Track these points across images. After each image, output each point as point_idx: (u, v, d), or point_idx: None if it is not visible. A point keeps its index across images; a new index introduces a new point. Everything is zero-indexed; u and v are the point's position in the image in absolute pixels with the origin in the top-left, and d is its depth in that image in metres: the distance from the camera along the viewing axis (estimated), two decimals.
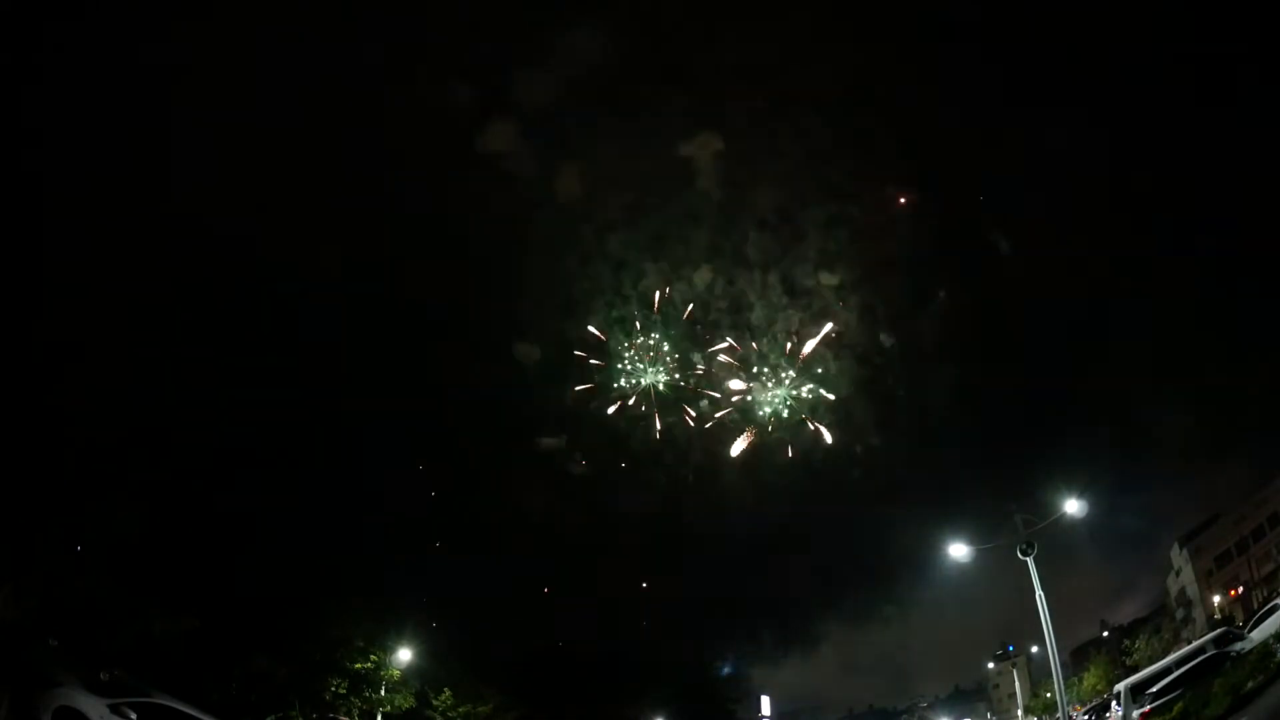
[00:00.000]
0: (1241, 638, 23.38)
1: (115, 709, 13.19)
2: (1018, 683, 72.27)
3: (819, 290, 57.59)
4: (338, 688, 32.33)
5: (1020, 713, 69.01)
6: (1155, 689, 22.26)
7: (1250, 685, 17.13)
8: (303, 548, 36.84)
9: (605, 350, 58.06)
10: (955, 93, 68.32)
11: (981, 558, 25.76)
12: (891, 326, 57.86)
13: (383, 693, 34.15)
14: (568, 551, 64.37)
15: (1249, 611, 37.86)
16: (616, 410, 58.20)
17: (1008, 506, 24.00)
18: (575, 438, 59.81)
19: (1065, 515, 23.16)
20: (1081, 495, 23.52)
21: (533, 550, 62.69)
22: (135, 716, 13.38)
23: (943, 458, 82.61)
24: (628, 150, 60.58)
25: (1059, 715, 26.79)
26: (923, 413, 65.54)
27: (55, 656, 16.32)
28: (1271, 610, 24.23)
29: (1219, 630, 27.21)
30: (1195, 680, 20.63)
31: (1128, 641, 56.26)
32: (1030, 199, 69.05)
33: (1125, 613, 65.38)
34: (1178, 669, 22.71)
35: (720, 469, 59.48)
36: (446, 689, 39.49)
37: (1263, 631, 22.04)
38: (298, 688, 30.41)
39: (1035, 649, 64.94)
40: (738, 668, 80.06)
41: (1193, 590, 54.25)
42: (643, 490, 60.33)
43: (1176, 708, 19.45)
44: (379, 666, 33.80)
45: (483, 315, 62.93)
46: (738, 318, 58.11)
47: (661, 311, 57.77)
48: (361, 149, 62.02)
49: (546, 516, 62.42)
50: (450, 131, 61.62)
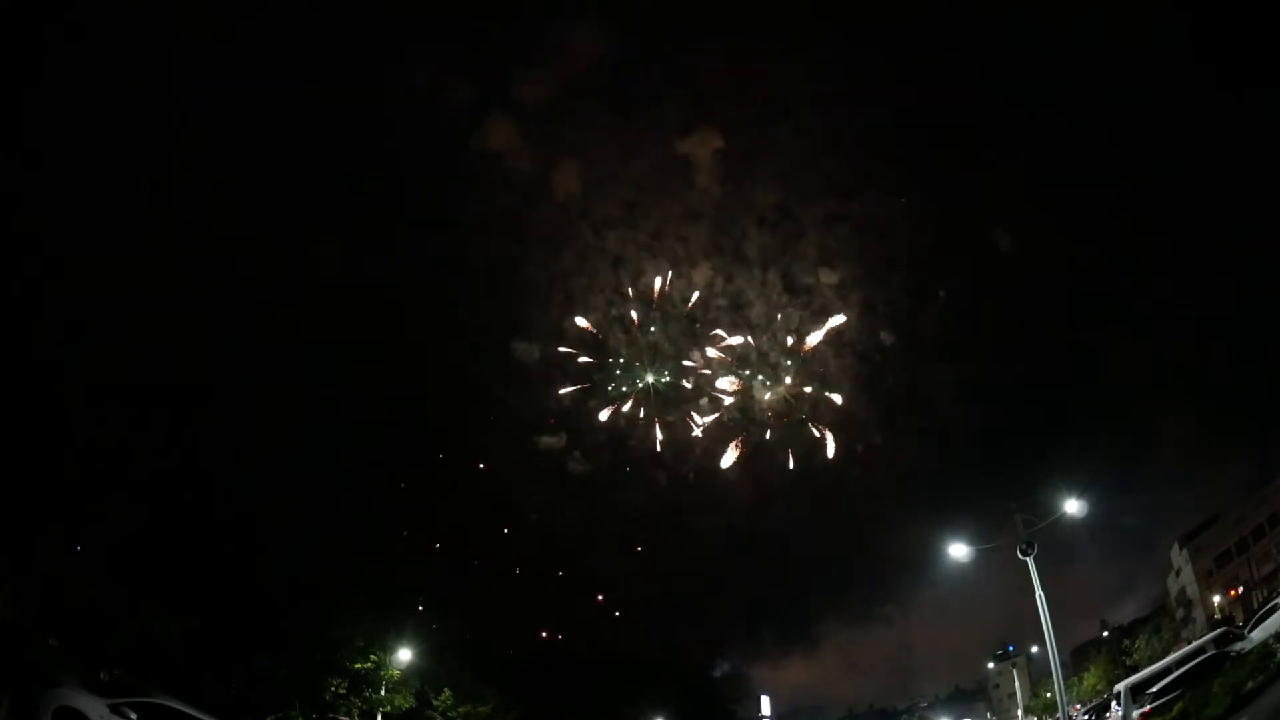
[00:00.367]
0: (1241, 638, 23.37)
1: (115, 709, 13.18)
2: (1018, 683, 72.20)
3: (818, 288, 57.65)
4: (338, 688, 32.29)
5: (1020, 713, 68.96)
6: (1155, 689, 22.25)
7: (1250, 685, 17.12)
8: (303, 548, 36.88)
9: (604, 349, 58.09)
10: (955, 91, 68.39)
11: (982, 558, 25.73)
12: (893, 325, 57.95)
13: (383, 693, 34.11)
14: (568, 551, 64.48)
15: (1249, 611, 37.83)
16: (615, 408, 58.23)
17: (1008, 506, 24.00)
18: (575, 437, 59.86)
19: (1065, 515, 23.13)
20: (1081, 495, 23.48)
21: (533, 550, 62.80)
22: (135, 716, 13.37)
23: (943, 457, 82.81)
24: (626, 148, 60.65)
25: (1059, 715, 26.77)
26: (924, 412, 65.66)
27: (55, 656, 16.33)
28: (1272, 610, 24.21)
29: (1219, 630, 27.19)
30: (1195, 680, 20.61)
31: (1128, 641, 56.20)
32: (1031, 199, 69.18)
33: (1125, 613, 65.44)
34: (1178, 669, 22.69)
35: (721, 468, 59.56)
36: (446, 689, 39.46)
37: (1263, 631, 22.04)
38: (298, 688, 30.38)
39: (1035, 649, 64.95)
40: (738, 667, 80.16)
41: (1193, 590, 54.20)
42: (642, 489, 60.36)
43: (1176, 708, 19.44)
44: (379, 666, 33.75)
45: (483, 314, 63.01)
46: (737, 315, 58.16)
47: (660, 309, 57.79)
48: (361, 147, 62.12)
49: (546, 516, 62.52)
50: (449, 129, 61.73)
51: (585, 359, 57.66)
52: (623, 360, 58.15)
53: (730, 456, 57.56)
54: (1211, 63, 56.08)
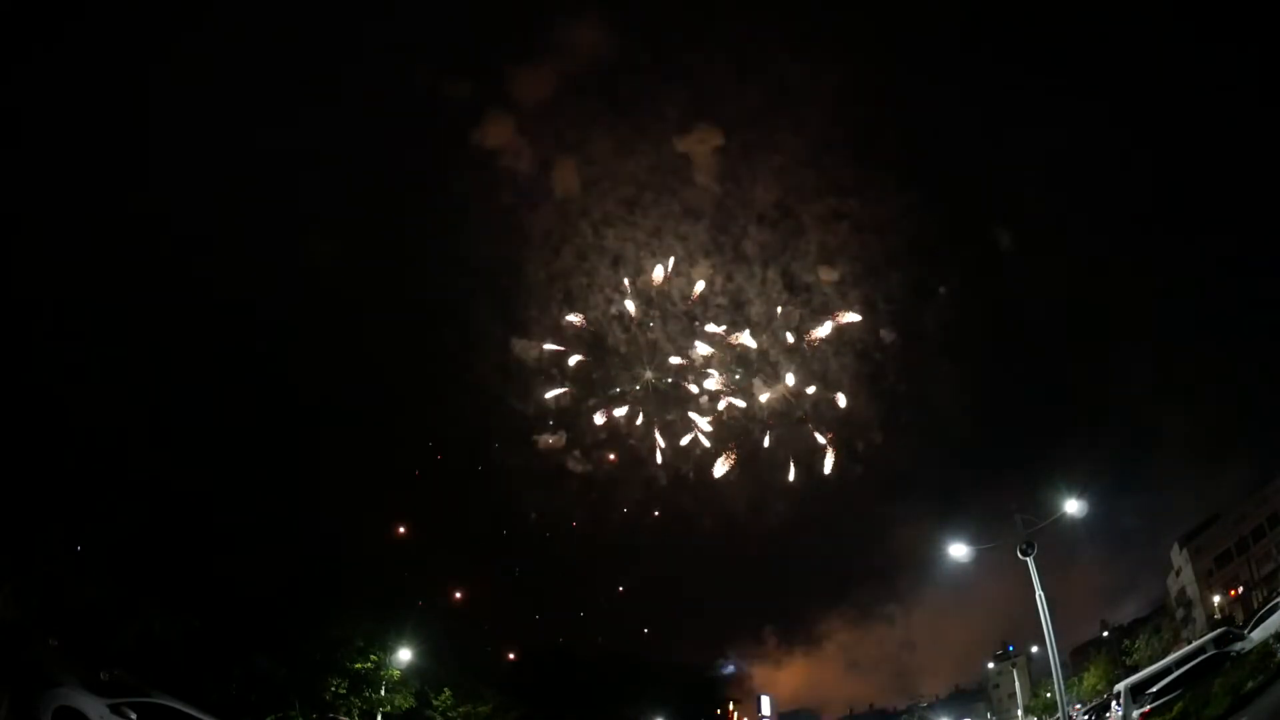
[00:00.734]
0: (1241, 638, 23.37)
1: (115, 709, 13.18)
2: (1018, 683, 72.17)
3: (818, 286, 57.58)
4: (338, 688, 32.29)
5: (1020, 713, 68.92)
6: (1155, 689, 22.24)
7: (1250, 685, 17.11)
8: (303, 548, 36.87)
9: (604, 347, 58.03)
10: (956, 88, 68.45)
11: (982, 558, 25.72)
12: (893, 323, 57.87)
13: (383, 693, 34.11)
14: (568, 550, 64.50)
15: (1249, 611, 37.82)
16: (608, 410, 58.18)
17: (1008, 506, 24.00)
18: (575, 436, 59.77)
19: (1065, 515, 23.13)
20: (1081, 495, 23.49)
21: (533, 549, 62.83)
22: (135, 716, 13.37)
23: (944, 456, 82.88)
24: (625, 145, 60.62)
25: (1059, 715, 26.76)
26: (924, 410, 65.68)
27: (55, 656, 16.33)
28: (1272, 610, 24.20)
29: (1219, 630, 27.18)
30: (1195, 680, 20.60)
31: (1128, 641, 56.21)
32: (1033, 197, 69.21)
33: (1125, 613, 65.50)
34: (1178, 669, 22.69)
35: (720, 471, 59.44)
36: (446, 689, 39.46)
37: (1263, 631, 22.03)
38: (298, 688, 30.38)
39: (1035, 649, 64.95)
40: (739, 667, 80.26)
41: (1193, 590, 54.20)
42: (642, 488, 60.26)
43: (1176, 708, 19.43)
44: (379, 666, 33.76)
45: (482, 312, 62.89)
46: (737, 314, 58.11)
47: (660, 306, 57.75)
48: (360, 146, 62.16)
49: (546, 515, 62.51)
50: (447, 127, 61.75)
51: (580, 357, 57.52)
52: (623, 357, 58.06)
53: (721, 468, 57.46)
54: (1213, 62, 56.15)
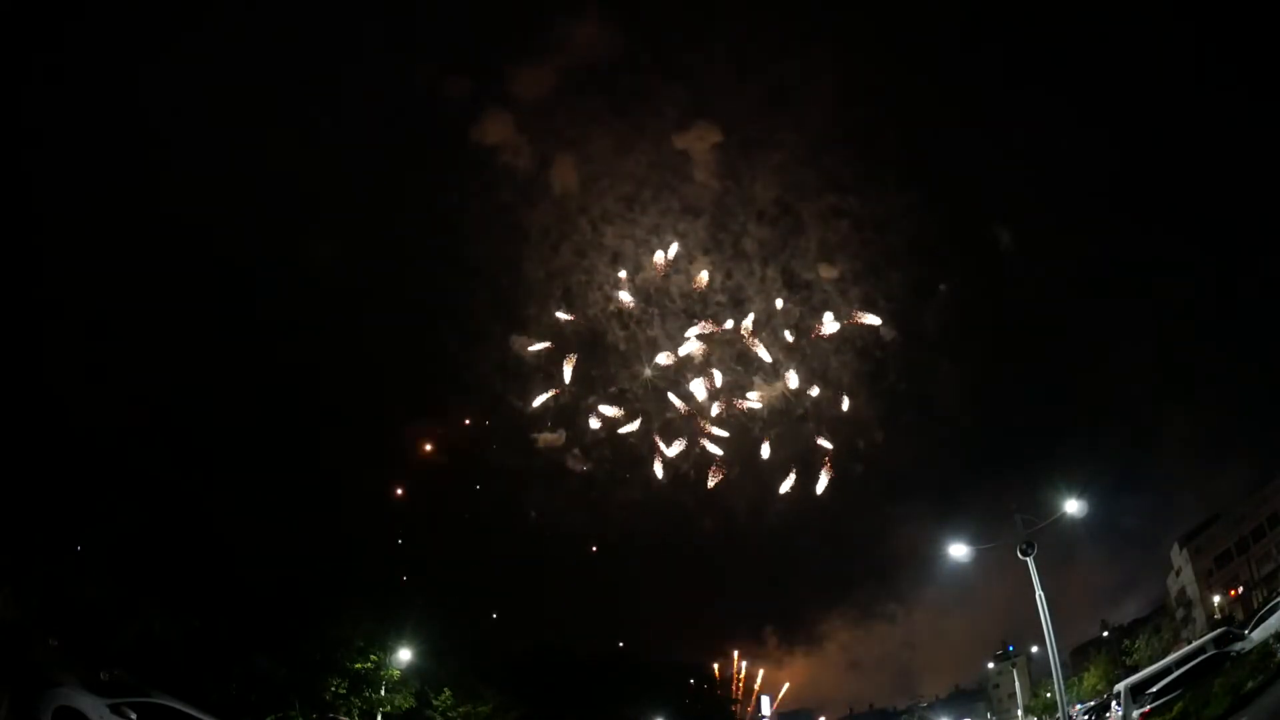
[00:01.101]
0: (1241, 638, 23.38)
1: (115, 709, 13.19)
2: (1018, 683, 72.18)
3: (818, 283, 57.59)
4: (338, 688, 32.27)
5: (1020, 713, 68.93)
6: (1155, 689, 22.25)
7: (1250, 685, 17.11)
8: (303, 547, 36.87)
9: (603, 345, 58.06)
10: (956, 85, 68.38)
11: (982, 558, 25.76)
12: (893, 321, 57.88)
13: (383, 693, 34.09)
14: (567, 550, 64.45)
15: (1249, 611, 37.82)
16: (613, 406, 58.17)
17: (1008, 506, 24.01)
18: (574, 435, 59.80)
19: (1065, 515, 23.14)
20: (1081, 495, 23.51)
21: (533, 549, 62.79)
22: (135, 716, 13.38)
23: (945, 455, 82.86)
24: (624, 142, 60.60)
25: (1059, 715, 26.76)
26: (925, 409, 65.65)
27: (55, 656, 16.35)
28: (1272, 610, 24.20)
29: (1219, 630, 27.21)
30: (1195, 680, 20.61)
31: (1128, 641, 56.19)
32: (1033, 196, 69.22)
33: (1125, 613, 65.48)
34: (1178, 669, 22.71)
35: (723, 457, 59.44)
36: (446, 689, 39.42)
37: (1263, 631, 22.04)
38: (298, 688, 30.36)
39: (1035, 649, 64.95)
40: (739, 667, 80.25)
41: (1193, 590, 54.20)
42: (642, 487, 60.28)
43: (1176, 708, 19.43)
44: (379, 666, 33.74)
45: (481, 310, 62.89)
46: (737, 311, 58.14)
47: (658, 304, 57.76)
48: (358, 144, 62.10)
49: (546, 514, 62.51)
50: (446, 125, 61.70)
51: (577, 356, 57.53)
52: (622, 355, 58.08)
53: (713, 479, 57.59)
54: (1215, 61, 56.12)
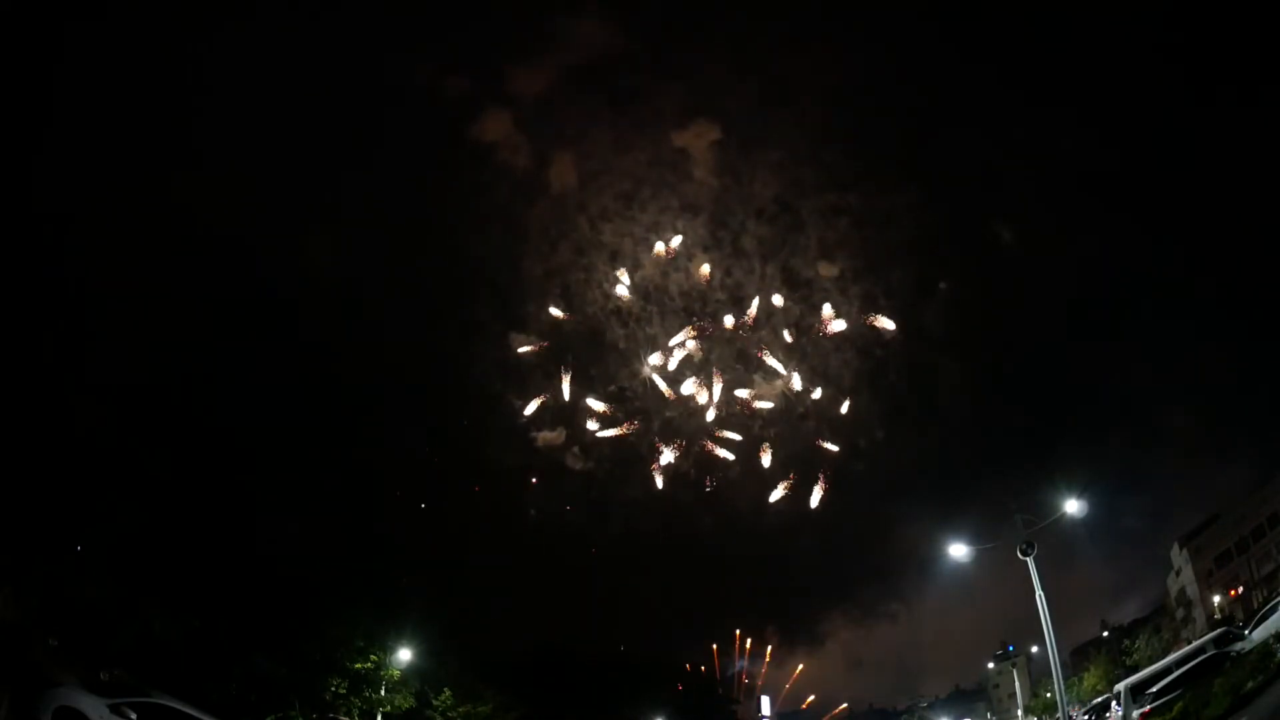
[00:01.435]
0: (1241, 638, 23.38)
1: (115, 709, 13.21)
2: (1018, 683, 72.20)
3: (818, 281, 57.59)
4: (338, 688, 32.29)
5: (1020, 713, 68.94)
6: (1155, 689, 22.25)
7: (1250, 685, 17.11)
8: (303, 547, 36.83)
9: (602, 343, 58.09)
10: (957, 83, 68.31)
11: (982, 558, 25.79)
12: (894, 319, 57.82)
13: (383, 693, 34.11)
14: (568, 550, 64.42)
15: (1249, 611, 37.82)
16: (612, 404, 58.17)
17: (1008, 506, 24.03)
18: (574, 433, 59.79)
19: (1065, 515, 23.16)
20: (1081, 495, 23.53)
21: (532, 548, 62.75)
22: (135, 716, 13.40)
23: (946, 454, 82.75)
24: (623, 140, 60.56)
25: (1059, 715, 26.76)
26: (926, 408, 65.60)
27: (55, 656, 16.36)
28: (1272, 610, 24.20)
29: (1219, 630, 27.20)
30: (1195, 680, 20.62)
31: (1128, 641, 56.17)
32: (1035, 193, 69.12)
33: (1125, 613, 65.48)
34: (1178, 669, 22.71)
35: (720, 464, 59.48)
36: (446, 689, 39.44)
37: (1263, 631, 22.03)
38: (298, 688, 30.38)
39: (1035, 649, 64.96)
40: (740, 667, 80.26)
41: (1193, 590, 54.21)
42: (642, 486, 60.25)
43: (1176, 708, 19.44)
44: (379, 666, 33.76)
45: (480, 309, 62.84)
46: (736, 309, 58.16)
47: (657, 302, 57.77)
48: (357, 142, 62.00)
49: (546, 513, 62.50)
50: (444, 123, 61.64)
51: (571, 369, 57.57)
52: (621, 353, 58.08)
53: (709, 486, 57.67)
54: (1218, 60, 56.02)
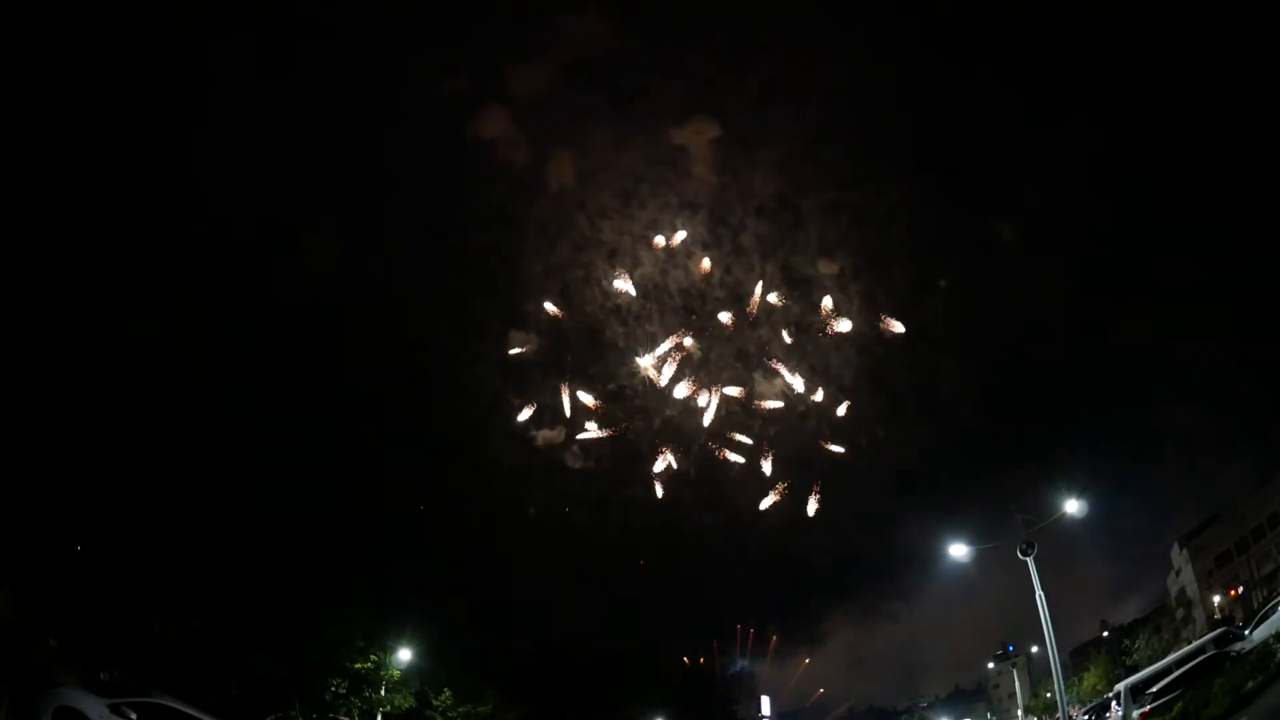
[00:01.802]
0: (1241, 638, 23.40)
1: (115, 709, 13.22)
2: (1018, 683, 72.28)
3: (818, 279, 57.39)
4: (338, 688, 32.29)
5: (1020, 713, 69.02)
6: (1155, 689, 22.28)
7: (1250, 685, 17.14)
8: (303, 547, 36.83)
9: (601, 341, 58.02)
10: (958, 81, 68.16)
11: (983, 557, 25.82)
12: (894, 317, 57.61)
13: (383, 693, 34.11)
14: (568, 549, 64.30)
15: (1249, 611, 37.84)
16: (613, 402, 58.08)
17: (1008, 506, 24.07)
18: (574, 432, 59.63)
19: (1065, 515, 23.18)
20: (1081, 495, 23.56)
21: (532, 548, 62.61)
22: (135, 716, 13.41)
23: (947, 453, 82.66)
24: (622, 137, 60.41)
25: (1059, 715, 26.78)
26: (926, 407, 65.43)
27: (55, 656, 16.36)
28: (1272, 610, 24.22)
29: (1219, 630, 27.24)
30: (1195, 680, 20.65)
31: (1128, 641, 56.25)
32: (1035, 194, 69.00)
33: (1125, 613, 65.49)
34: (1178, 669, 22.74)
35: (721, 463, 59.37)
36: (446, 689, 39.44)
37: (1263, 631, 22.06)
38: (298, 688, 30.37)
39: (1035, 649, 64.98)
40: (741, 666, 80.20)
41: (1193, 590, 54.25)
42: (642, 485, 60.11)
43: (1176, 708, 19.47)
44: (379, 666, 33.76)
45: (479, 307, 62.69)
46: (735, 307, 58.05)
47: (657, 299, 57.69)
48: (356, 141, 61.89)
49: (546, 513, 62.36)
50: (443, 120, 61.55)
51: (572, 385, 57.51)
52: (620, 351, 57.98)
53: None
54: (1218, 60, 55.95)
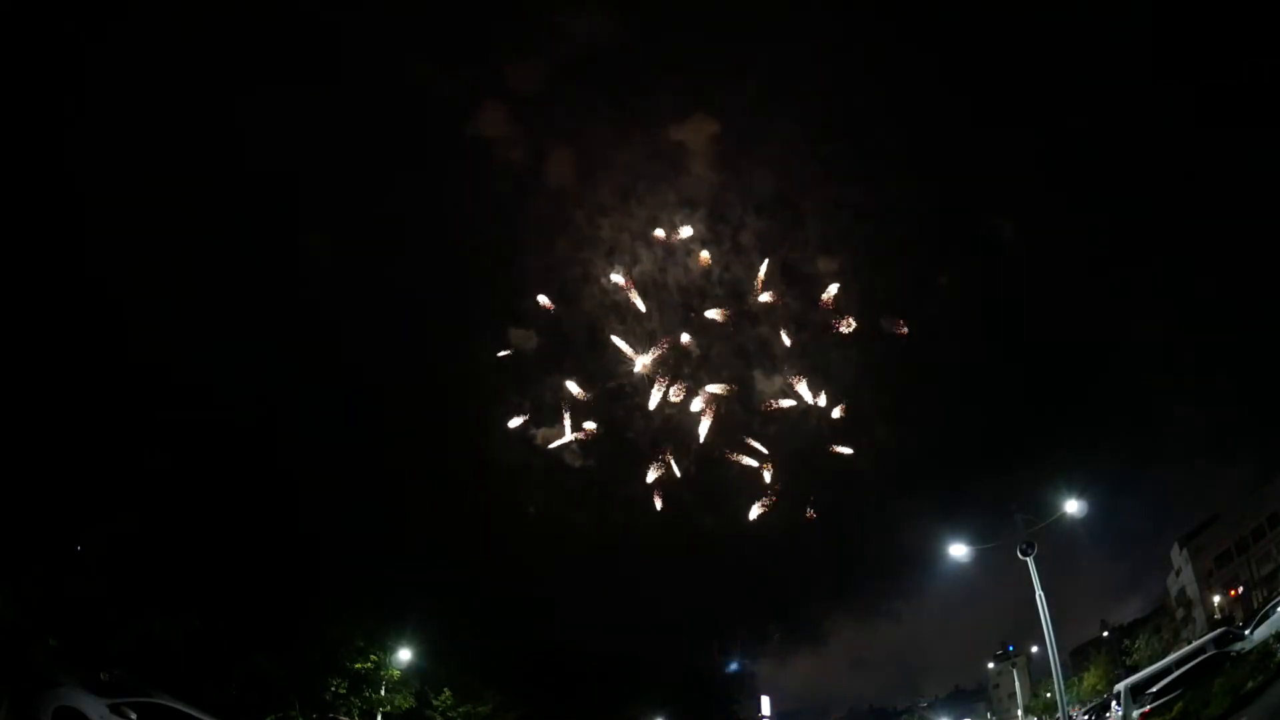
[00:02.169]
0: (1241, 638, 23.41)
1: (115, 709, 13.21)
2: (1018, 683, 72.28)
3: (817, 277, 57.51)
4: (338, 688, 32.28)
5: (1020, 713, 69.02)
6: (1155, 689, 22.28)
7: (1250, 685, 17.14)
8: (303, 547, 36.84)
9: (600, 339, 58.06)
10: (958, 80, 68.20)
11: (983, 558, 25.80)
12: (895, 316, 57.72)
13: (383, 693, 34.10)
14: (568, 549, 64.34)
15: (1249, 611, 37.84)
16: (614, 401, 58.14)
17: (1008, 506, 24.06)
18: (573, 431, 59.65)
19: (1065, 515, 23.18)
20: (1081, 495, 23.56)
21: (533, 548, 62.66)
22: (135, 716, 13.40)
23: (948, 452, 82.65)
24: (621, 134, 60.53)
25: (1059, 715, 26.78)
26: (927, 406, 65.51)
27: (55, 656, 16.33)
28: (1272, 610, 24.23)
29: (1219, 630, 27.25)
30: (1195, 680, 20.65)
31: (1128, 641, 56.24)
32: (1035, 192, 69.06)
33: (1125, 613, 65.56)
34: (1178, 669, 22.75)
35: (720, 462, 59.39)
36: (446, 689, 39.42)
37: (1263, 631, 22.07)
38: (298, 688, 30.36)
39: (1035, 649, 65.04)
40: (742, 666, 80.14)
41: (1193, 590, 54.25)
42: (642, 484, 60.12)
43: (1176, 708, 19.47)
44: (379, 666, 33.75)
45: (479, 306, 62.86)
46: (735, 306, 58.14)
47: (656, 297, 57.77)
48: (355, 140, 61.99)
49: (546, 512, 62.40)
50: (442, 118, 61.62)
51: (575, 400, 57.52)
52: (619, 350, 58.04)
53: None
54: (1221, 56, 56.00)
